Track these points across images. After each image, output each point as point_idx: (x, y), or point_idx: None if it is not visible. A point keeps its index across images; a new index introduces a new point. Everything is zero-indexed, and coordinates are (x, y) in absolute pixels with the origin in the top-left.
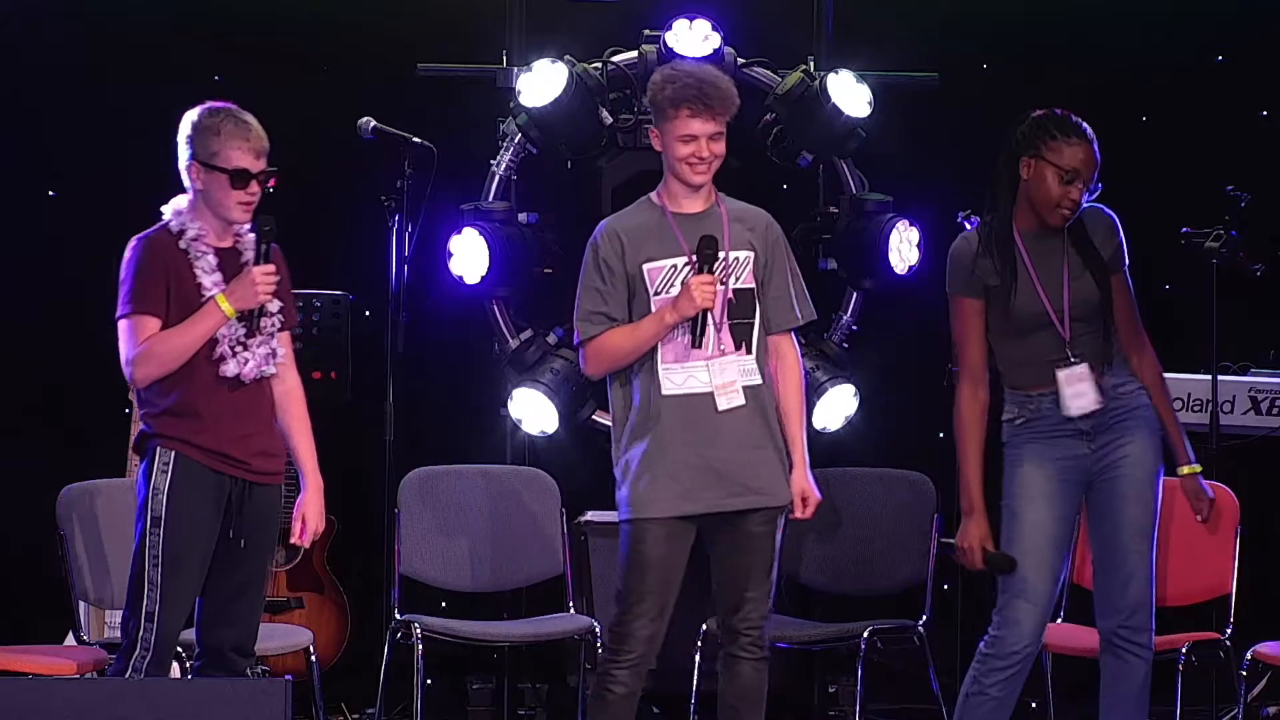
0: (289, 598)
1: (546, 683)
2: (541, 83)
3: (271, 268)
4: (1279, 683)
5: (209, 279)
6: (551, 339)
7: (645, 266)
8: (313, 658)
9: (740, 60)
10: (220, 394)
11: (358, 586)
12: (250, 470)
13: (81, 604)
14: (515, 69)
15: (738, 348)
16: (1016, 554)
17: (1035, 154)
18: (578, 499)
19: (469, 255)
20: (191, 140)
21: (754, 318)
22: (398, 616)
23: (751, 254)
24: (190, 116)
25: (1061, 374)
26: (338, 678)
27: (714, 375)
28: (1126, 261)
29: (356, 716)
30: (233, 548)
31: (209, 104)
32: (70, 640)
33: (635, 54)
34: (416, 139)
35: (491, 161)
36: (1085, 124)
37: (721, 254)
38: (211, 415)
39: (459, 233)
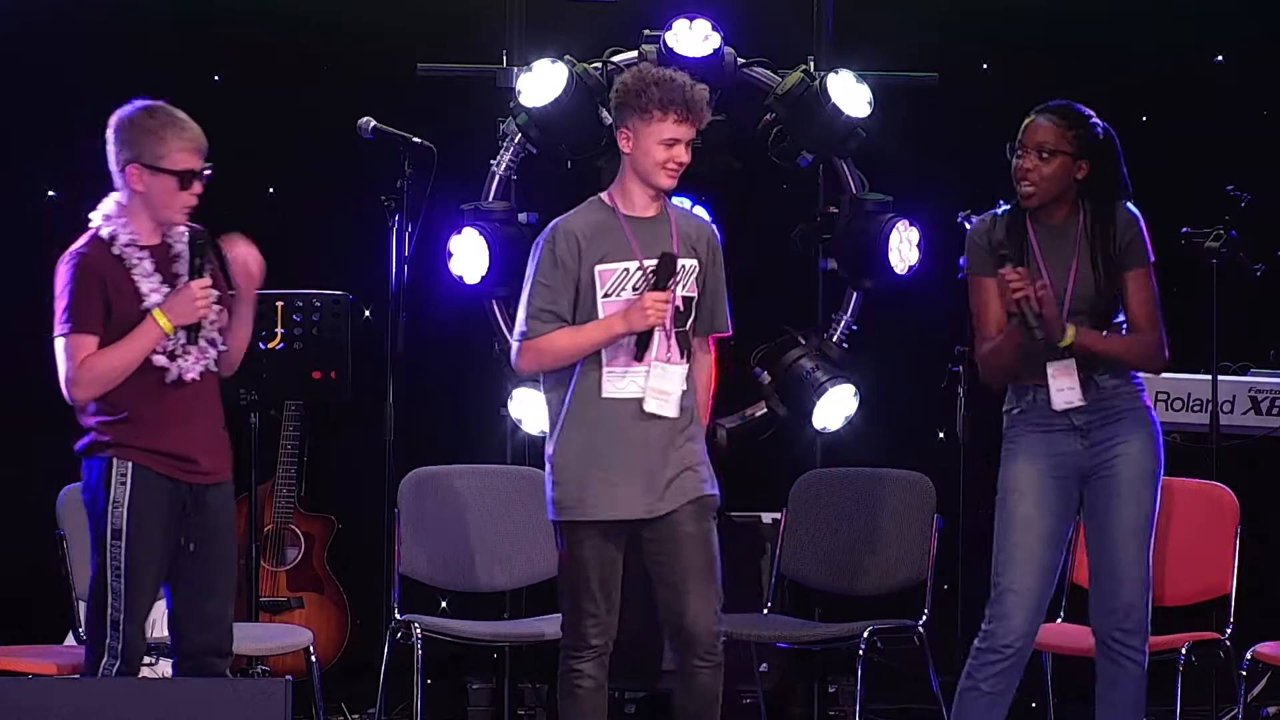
0: (289, 598)
1: (546, 683)
2: (541, 83)
3: (208, 281)
4: (1279, 683)
5: (148, 283)
6: None
7: (597, 268)
8: (313, 658)
9: (740, 60)
10: (167, 397)
11: (358, 586)
12: (200, 470)
13: (81, 604)
14: (515, 69)
15: (681, 356)
16: (1006, 547)
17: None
18: None
19: (469, 255)
20: (131, 142)
21: (688, 325)
22: (398, 616)
23: (697, 262)
24: (124, 115)
25: (1051, 367)
26: (338, 678)
27: (655, 380)
28: (1151, 259)
29: (356, 716)
30: (194, 551)
31: (140, 103)
32: (70, 640)
33: (635, 54)
34: (416, 139)
35: (491, 161)
36: (1067, 102)
37: (649, 265)
38: (160, 420)
39: (459, 233)
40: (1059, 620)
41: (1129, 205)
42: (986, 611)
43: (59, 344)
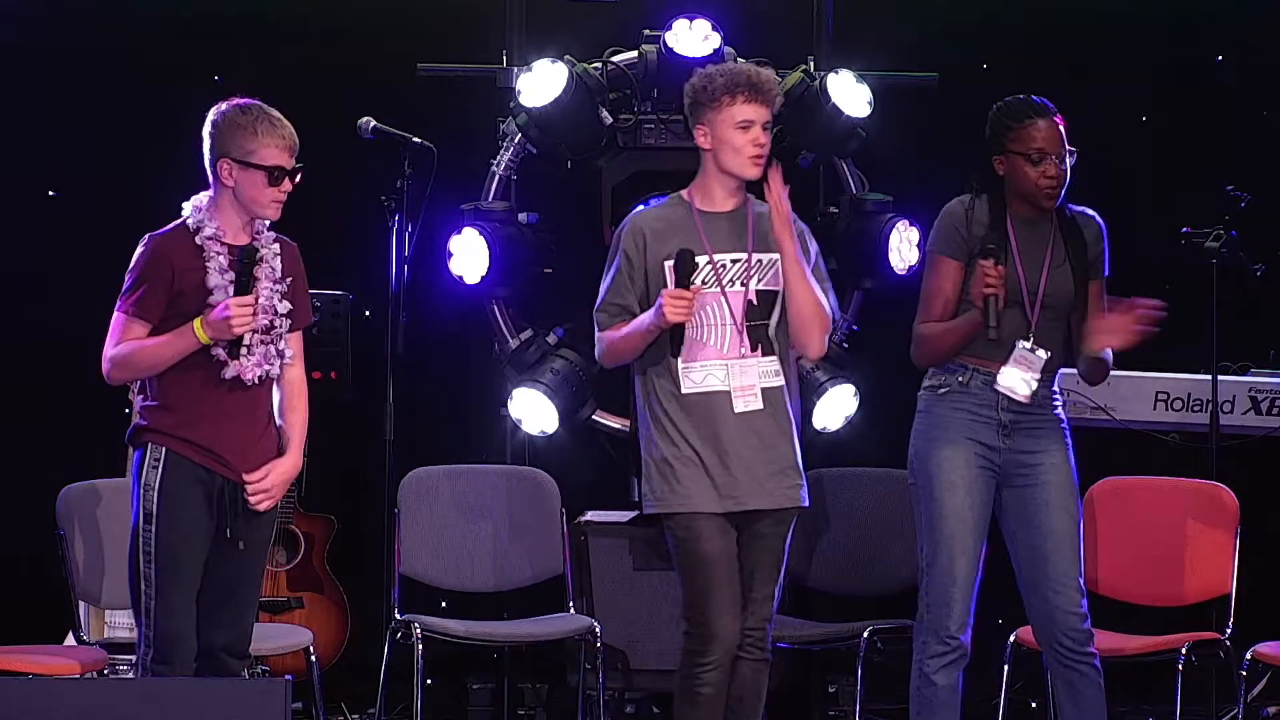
0: (289, 598)
1: (546, 683)
2: (541, 83)
3: (249, 299)
4: (1279, 683)
5: (220, 279)
6: (551, 339)
7: (666, 263)
8: (313, 658)
9: (740, 60)
10: (218, 393)
11: (358, 586)
12: (234, 471)
13: (81, 604)
14: (515, 69)
15: (754, 349)
16: (939, 538)
17: (1002, 150)
18: (578, 499)
19: (469, 255)
20: (223, 137)
21: (770, 320)
22: (398, 616)
23: (778, 256)
24: (220, 113)
25: (1021, 346)
26: (338, 678)
27: (733, 377)
28: (1107, 273)
29: (356, 717)
30: (225, 548)
31: (237, 100)
32: (70, 640)
33: (635, 54)
34: (416, 139)
35: (491, 161)
36: (1042, 99)
37: (719, 260)
38: (205, 413)
39: (459, 233)
40: None
41: (1096, 217)
42: (922, 603)
43: (115, 317)
